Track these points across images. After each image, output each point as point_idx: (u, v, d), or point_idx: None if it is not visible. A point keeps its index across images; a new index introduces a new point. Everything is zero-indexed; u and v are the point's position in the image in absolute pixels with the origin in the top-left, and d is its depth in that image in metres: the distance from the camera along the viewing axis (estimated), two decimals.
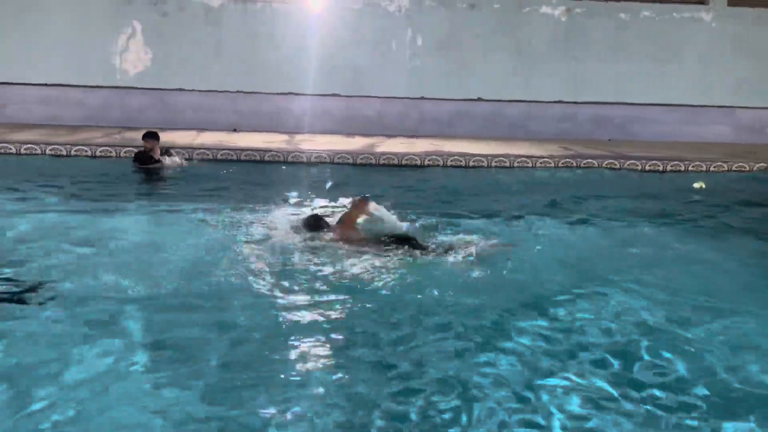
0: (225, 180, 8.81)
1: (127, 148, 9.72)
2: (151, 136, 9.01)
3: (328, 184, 8.81)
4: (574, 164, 10.16)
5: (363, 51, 12.09)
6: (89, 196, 7.42)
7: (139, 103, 11.89)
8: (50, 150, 9.50)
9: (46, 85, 11.67)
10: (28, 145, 9.56)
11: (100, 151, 9.65)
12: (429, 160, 10.11)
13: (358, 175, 9.52)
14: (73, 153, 9.51)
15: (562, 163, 10.18)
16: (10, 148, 9.49)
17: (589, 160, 10.23)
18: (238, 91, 12.05)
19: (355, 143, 11.06)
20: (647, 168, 10.17)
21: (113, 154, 9.66)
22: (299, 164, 9.95)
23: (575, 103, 12.60)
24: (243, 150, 10.04)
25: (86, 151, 9.58)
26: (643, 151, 10.88)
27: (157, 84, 11.86)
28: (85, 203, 7.08)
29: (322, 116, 12.21)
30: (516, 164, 10.14)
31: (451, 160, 10.14)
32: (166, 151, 9.11)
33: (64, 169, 8.76)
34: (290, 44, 11.91)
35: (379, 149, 10.58)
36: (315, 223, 5.89)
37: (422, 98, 12.36)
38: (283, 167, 9.76)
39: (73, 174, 8.50)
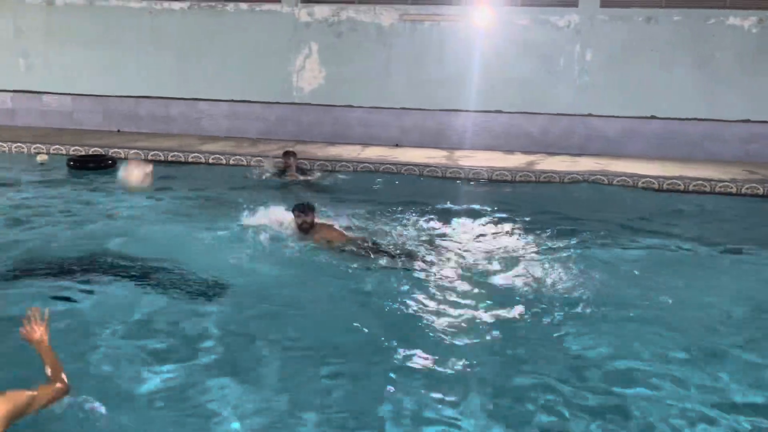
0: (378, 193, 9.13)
1: (299, 161, 10.41)
2: (288, 154, 9.69)
3: None
4: (762, 191, 9.17)
5: (529, 67, 11.89)
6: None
7: (311, 118, 12.70)
8: (233, 160, 10.48)
9: (232, 101, 12.90)
10: (215, 155, 10.62)
11: (275, 163, 10.44)
12: (593, 179, 9.68)
13: (515, 192, 9.38)
14: (252, 163, 10.40)
15: (746, 189, 9.23)
16: (200, 158, 10.60)
17: None
18: (402, 108, 12.42)
19: (515, 160, 10.89)
20: None
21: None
22: (457, 180, 10.01)
23: (765, 122, 11.36)
24: (404, 165, 10.33)
25: (262, 162, 10.42)
26: None
27: (328, 100, 12.60)
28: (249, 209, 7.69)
29: (483, 132, 12.19)
30: (691, 188, 9.37)
31: (618, 180, 9.62)
32: (302, 172, 9.65)
33: (239, 179, 9.58)
34: (455, 61, 12.05)
35: (540, 167, 10.33)
36: (303, 210, 6.24)
37: (589, 115, 11.87)
38: (441, 183, 9.88)
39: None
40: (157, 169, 7.74)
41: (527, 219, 7.66)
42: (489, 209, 8.29)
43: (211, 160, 10.55)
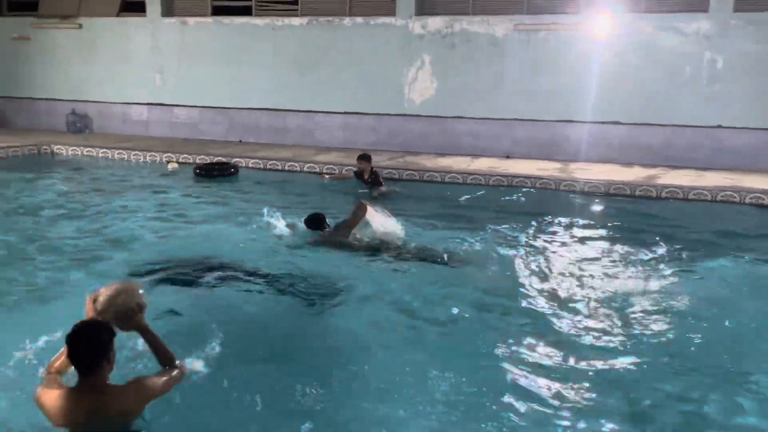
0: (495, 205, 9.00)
1: (408, 171, 10.52)
2: (363, 158, 9.64)
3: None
4: None
5: (652, 76, 11.30)
6: None
7: (421, 130, 12.79)
8: (345, 170, 10.74)
9: (346, 113, 13.25)
10: (329, 165, 10.94)
11: (386, 173, 10.59)
12: (722, 196, 9.02)
13: (633, 207, 8.92)
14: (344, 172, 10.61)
15: None
16: (315, 168, 10.96)
17: None
18: (514, 119, 12.21)
19: (634, 174, 10.38)
20: None
21: (396, 176, 10.52)
22: (571, 193, 9.68)
23: None
24: (515, 177, 10.13)
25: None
26: None
27: (439, 111, 12.63)
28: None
29: (599, 144, 11.71)
30: None
31: (750, 198, 8.91)
32: (375, 178, 9.55)
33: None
34: (571, 71, 11.69)
35: (661, 181, 9.77)
36: (315, 223, 6.43)
37: (719, 126, 11.08)
38: (554, 196, 9.59)
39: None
40: (274, 176, 8.14)
41: (645, 236, 7.26)
42: (604, 224, 7.96)
43: (325, 170, 10.86)
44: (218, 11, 13.97)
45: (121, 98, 14.75)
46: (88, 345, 2.88)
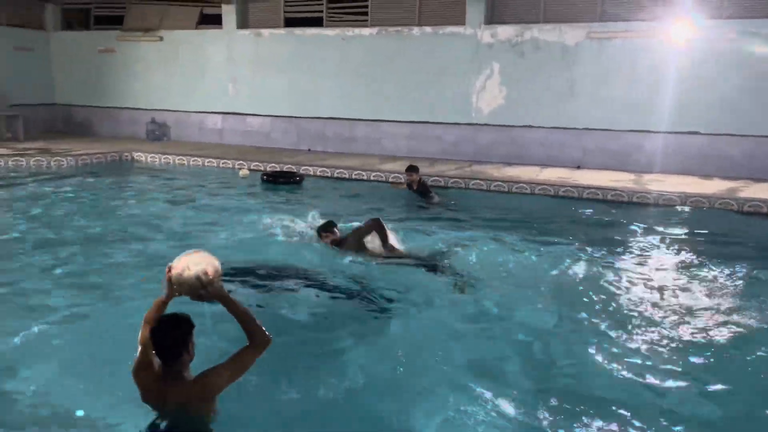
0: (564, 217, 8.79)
1: (475, 180, 10.44)
2: (411, 169, 9.65)
3: None
4: None
5: (733, 84, 10.79)
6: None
7: (489, 139, 12.67)
8: (392, 178, 10.73)
9: (413, 122, 13.28)
10: (395, 175, 10.98)
11: (452, 182, 10.56)
12: None
13: (714, 220, 8.51)
14: (429, 183, 10.56)
15: None
16: (381, 176, 11.03)
17: None
18: (585, 128, 11.92)
19: (713, 186, 9.92)
20: None
21: (462, 185, 10.46)
22: (644, 205, 9.35)
23: None
24: (585, 188, 9.87)
25: (440, 182, 10.57)
26: None
27: (507, 121, 12.47)
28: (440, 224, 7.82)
29: (675, 155, 11.27)
30: None
31: None
32: (423, 188, 9.51)
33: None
34: (647, 79, 11.31)
35: (743, 194, 9.29)
36: (326, 229, 6.50)
37: None
38: (626, 208, 9.28)
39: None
40: (340, 184, 8.25)
41: (724, 251, 6.92)
42: (680, 239, 7.63)
43: (391, 179, 10.90)
44: (291, 22, 14.32)
45: (198, 107, 15.33)
46: (168, 339, 3.06)
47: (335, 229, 6.57)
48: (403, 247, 6.54)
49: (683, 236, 7.78)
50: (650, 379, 4.08)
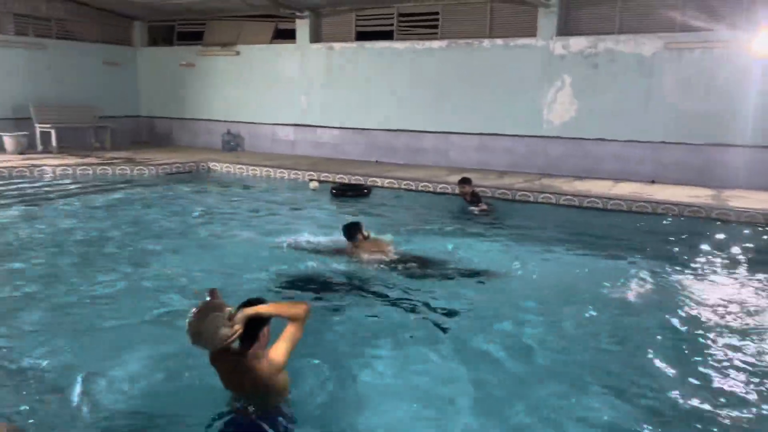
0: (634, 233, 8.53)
1: (544, 194, 10.27)
2: (464, 181, 9.62)
3: None
4: None
5: None
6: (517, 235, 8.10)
7: (560, 152, 12.45)
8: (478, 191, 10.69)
9: (482, 134, 13.22)
10: (442, 185, 10.94)
11: (519, 195, 10.43)
12: None
13: None
14: (497, 195, 10.51)
15: None
16: (447, 188, 11.03)
17: None
18: (661, 142, 11.53)
19: None
20: None
21: (531, 199, 10.32)
22: (724, 223, 8.94)
23: None
24: (660, 203, 9.54)
25: (507, 194, 10.46)
26: None
27: (579, 133, 12.22)
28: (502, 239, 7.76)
29: (759, 171, 10.73)
30: None
31: None
32: (476, 197, 9.53)
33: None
34: (728, 91, 10.84)
35: None
36: (351, 231, 6.70)
37: None
38: (704, 225, 8.90)
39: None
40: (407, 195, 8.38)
41: None
42: (763, 259, 7.25)
43: (457, 191, 10.88)
44: (362, 36, 14.57)
45: (270, 119, 15.80)
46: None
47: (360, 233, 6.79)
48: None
49: (766, 257, 7.40)
50: (728, 407, 3.91)
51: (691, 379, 4.23)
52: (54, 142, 14.31)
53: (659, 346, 4.78)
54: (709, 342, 4.86)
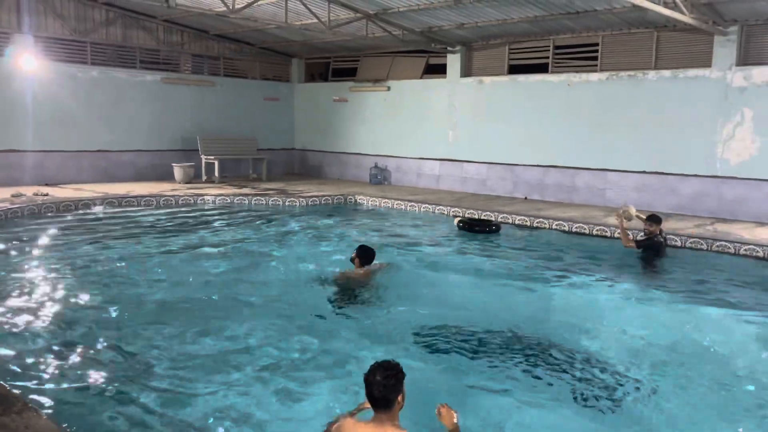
0: None
1: (720, 242, 9.12)
2: (652, 219, 8.65)
3: None
4: None
5: None
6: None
7: (737, 194, 11.09)
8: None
9: (644, 172, 12.16)
10: (599, 227, 10.09)
11: (690, 242, 9.35)
12: None
13: None
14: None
15: None
16: (605, 231, 10.16)
17: None
18: None
19: None
20: None
21: (704, 247, 9.20)
22: None
23: None
24: None
25: (675, 241, 9.41)
26: None
27: (760, 174, 10.82)
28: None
29: None
30: None
31: None
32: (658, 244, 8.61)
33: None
34: None
35: None
36: (365, 254, 7.01)
37: None
38: None
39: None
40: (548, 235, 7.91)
41: None
42: None
43: (616, 234, 10.00)
44: (514, 69, 14.14)
45: (417, 153, 15.76)
46: (382, 383, 3.12)
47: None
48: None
49: None
50: None
51: None
52: (217, 173, 15.29)
53: None
54: None
